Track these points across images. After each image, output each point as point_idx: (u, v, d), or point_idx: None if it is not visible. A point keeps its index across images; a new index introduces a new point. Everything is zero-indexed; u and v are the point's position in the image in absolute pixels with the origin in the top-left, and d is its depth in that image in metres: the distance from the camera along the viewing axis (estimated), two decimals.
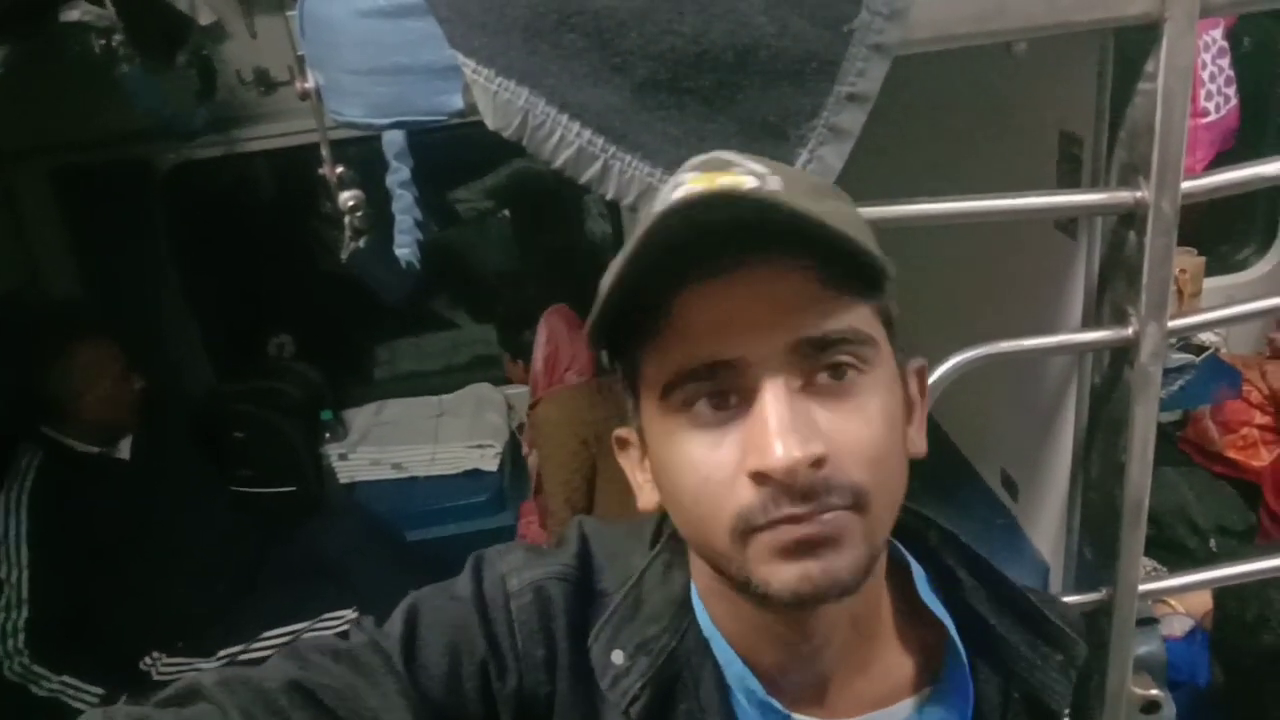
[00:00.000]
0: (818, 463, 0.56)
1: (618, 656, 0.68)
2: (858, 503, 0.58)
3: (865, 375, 0.60)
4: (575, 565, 0.72)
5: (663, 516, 0.75)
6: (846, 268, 0.58)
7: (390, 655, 0.67)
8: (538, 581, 0.70)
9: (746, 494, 0.58)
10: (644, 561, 0.73)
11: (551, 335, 2.60)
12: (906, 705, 0.72)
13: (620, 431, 0.72)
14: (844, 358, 0.59)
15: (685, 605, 0.71)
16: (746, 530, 0.58)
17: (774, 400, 0.57)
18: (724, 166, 0.63)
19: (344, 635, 0.70)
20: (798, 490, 0.57)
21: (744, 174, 0.61)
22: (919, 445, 0.67)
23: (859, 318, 0.60)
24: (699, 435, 0.60)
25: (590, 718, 0.69)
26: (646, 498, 0.69)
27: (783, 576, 0.58)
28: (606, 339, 0.65)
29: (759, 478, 0.57)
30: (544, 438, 2.56)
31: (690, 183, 0.62)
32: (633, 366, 0.64)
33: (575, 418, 2.53)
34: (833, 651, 0.68)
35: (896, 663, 0.72)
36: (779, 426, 0.56)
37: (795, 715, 0.69)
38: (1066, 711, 0.74)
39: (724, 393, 0.59)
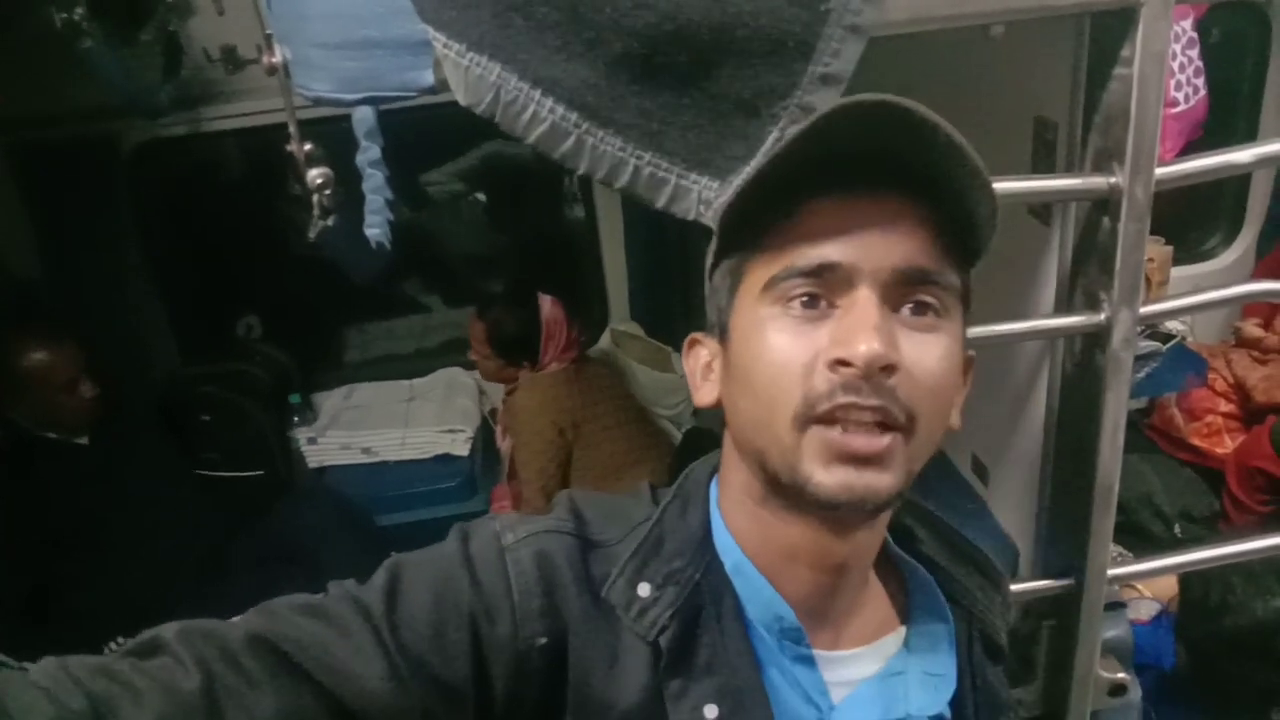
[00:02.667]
0: (889, 369, 0.63)
1: (644, 589, 0.71)
2: (909, 426, 0.64)
3: (942, 323, 0.67)
4: (570, 519, 0.75)
5: (654, 486, 0.81)
6: (958, 234, 0.66)
7: (369, 607, 0.67)
8: (534, 535, 0.72)
9: (819, 380, 0.64)
10: (652, 509, 0.77)
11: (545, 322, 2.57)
12: (897, 636, 0.78)
13: (696, 335, 0.78)
14: (931, 298, 0.66)
15: (705, 542, 0.74)
16: (809, 417, 0.64)
17: (869, 303, 0.64)
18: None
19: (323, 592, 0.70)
20: (868, 386, 0.62)
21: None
22: (957, 421, 0.73)
23: (951, 277, 0.67)
24: (788, 325, 0.66)
25: (611, 660, 0.70)
26: (704, 395, 0.76)
27: (826, 480, 0.64)
28: (732, 229, 0.71)
29: (838, 365, 0.63)
30: (520, 424, 2.54)
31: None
32: (736, 268, 0.71)
33: (553, 405, 2.51)
34: (847, 585, 0.75)
35: (878, 604, 0.80)
36: (871, 325, 0.63)
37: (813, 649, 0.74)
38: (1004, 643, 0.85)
39: (817, 296, 0.65)
